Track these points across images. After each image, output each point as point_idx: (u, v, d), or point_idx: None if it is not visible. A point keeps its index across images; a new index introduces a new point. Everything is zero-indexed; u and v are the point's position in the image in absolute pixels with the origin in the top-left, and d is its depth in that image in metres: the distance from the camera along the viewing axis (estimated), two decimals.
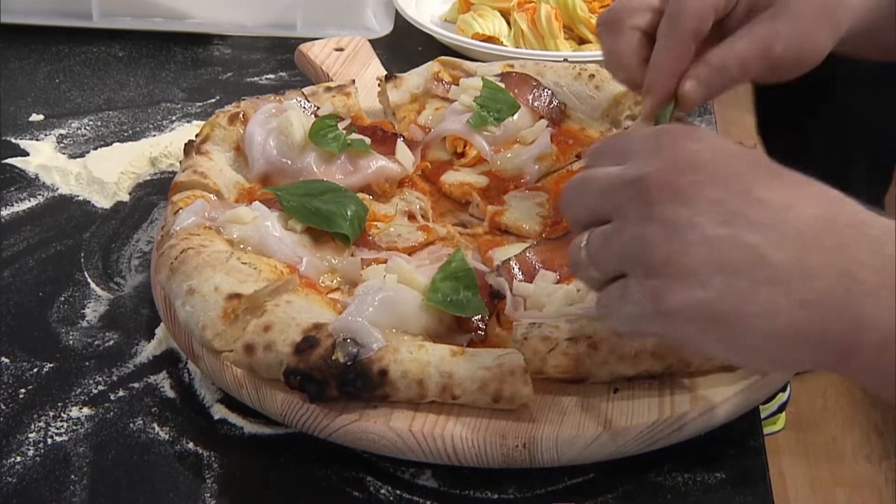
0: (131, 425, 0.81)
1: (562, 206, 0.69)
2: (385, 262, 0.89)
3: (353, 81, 1.13)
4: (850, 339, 0.55)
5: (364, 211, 0.94)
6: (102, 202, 1.09)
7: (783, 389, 2.10)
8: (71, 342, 0.90)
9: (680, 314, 0.59)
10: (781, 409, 2.25)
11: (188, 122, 1.24)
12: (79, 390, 0.84)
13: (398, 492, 0.76)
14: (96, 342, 0.90)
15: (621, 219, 0.62)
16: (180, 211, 0.91)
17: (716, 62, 0.79)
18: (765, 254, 0.57)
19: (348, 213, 0.92)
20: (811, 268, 0.56)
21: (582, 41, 1.41)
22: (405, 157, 1.03)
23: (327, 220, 0.92)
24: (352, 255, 0.92)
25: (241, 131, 1.02)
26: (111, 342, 0.90)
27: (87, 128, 1.22)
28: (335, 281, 0.90)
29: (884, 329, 0.54)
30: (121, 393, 0.84)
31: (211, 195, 0.95)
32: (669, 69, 0.80)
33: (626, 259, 0.62)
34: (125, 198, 1.10)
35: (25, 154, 1.17)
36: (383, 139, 1.03)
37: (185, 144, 1.02)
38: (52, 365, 0.87)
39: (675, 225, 0.59)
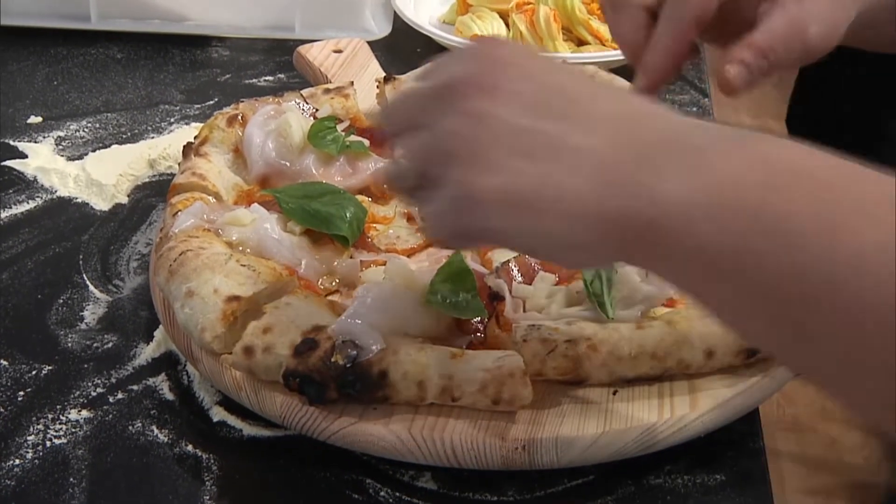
0: (130, 428, 0.81)
1: (382, 122, 0.69)
2: (384, 263, 0.89)
3: (352, 83, 1.13)
4: (644, 214, 0.55)
5: (363, 213, 0.94)
6: (101, 204, 1.09)
7: None
8: (69, 344, 0.90)
9: (485, 202, 0.59)
10: None
11: (187, 124, 1.24)
12: (77, 393, 0.84)
13: (398, 494, 0.76)
14: (95, 344, 0.90)
15: (431, 119, 0.62)
16: (179, 213, 0.91)
17: (761, 44, 0.77)
18: (567, 140, 0.58)
19: (347, 215, 0.92)
20: (610, 153, 0.57)
21: (581, 43, 1.41)
22: None
23: (326, 222, 0.91)
24: (351, 258, 0.92)
25: (240, 133, 1.02)
26: (110, 344, 0.90)
27: (86, 130, 1.22)
28: (334, 283, 0.90)
29: (673, 207, 0.55)
30: (119, 395, 0.84)
31: (210, 197, 0.95)
32: (668, 49, 0.79)
33: (434, 154, 0.62)
34: (124, 200, 1.10)
35: (24, 156, 1.16)
36: (382, 141, 1.03)
37: (184, 146, 1.02)
38: (50, 367, 0.87)
39: (480, 116, 0.60)
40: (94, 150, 1.17)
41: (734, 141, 0.57)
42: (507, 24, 1.42)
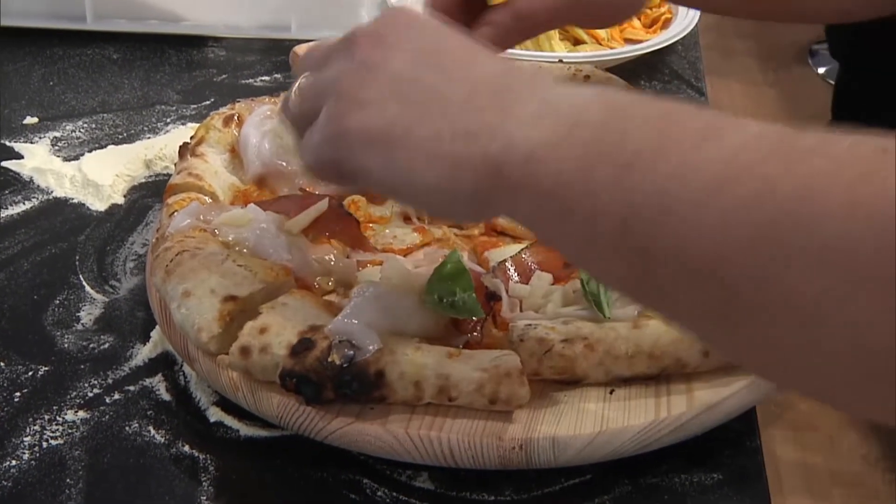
0: (127, 428, 0.81)
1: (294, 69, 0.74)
2: (381, 263, 0.89)
3: None
4: (501, 159, 0.59)
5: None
6: (97, 205, 1.09)
7: None
8: (66, 345, 0.89)
9: (353, 134, 0.64)
10: None
11: (183, 124, 1.24)
12: (74, 393, 0.84)
13: (395, 494, 0.76)
14: (91, 345, 0.90)
15: (328, 65, 0.68)
16: (175, 213, 0.91)
17: (522, 9, 0.85)
18: (439, 90, 0.62)
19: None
20: (478, 105, 0.61)
21: (577, 42, 1.41)
22: None
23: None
24: (347, 257, 0.92)
25: (236, 133, 1.02)
26: (106, 345, 0.90)
27: (82, 130, 1.22)
28: (331, 283, 0.90)
29: (527, 148, 0.58)
30: (116, 396, 0.84)
31: (206, 197, 0.95)
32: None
33: (322, 92, 0.67)
34: (120, 200, 1.10)
35: (20, 157, 1.16)
36: None
37: (180, 147, 1.02)
38: (46, 368, 0.87)
39: (370, 64, 0.65)
40: (90, 151, 1.17)
41: (581, 90, 0.60)
42: None
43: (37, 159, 1.16)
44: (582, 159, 0.55)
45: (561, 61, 1.18)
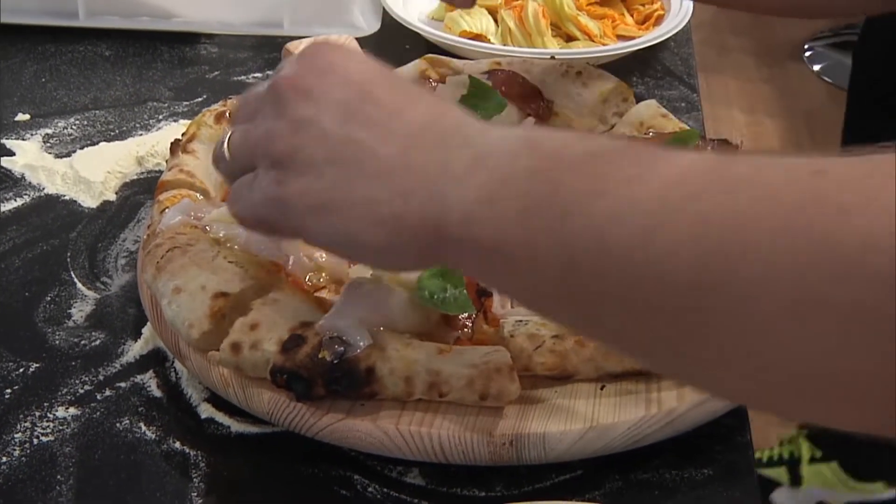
0: (118, 425, 0.81)
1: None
2: None
3: None
4: (440, 220, 0.59)
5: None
6: (89, 202, 1.09)
7: None
8: (57, 342, 0.89)
9: (294, 200, 0.64)
10: None
11: (175, 121, 1.24)
12: (65, 390, 0.84)
13: (385, 490, 0.76)
14: (83, 342, 0.90)
15: (259, 118, 0.68)
16: (166, 210, 0.91)
17: None
18: (373, 149, 0.62)
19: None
20: (413, 162, 0.61)
21: (569, 38, 1.40)
22: None
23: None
24: None
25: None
26: (97, 342, 0.90)
27: (74, 127, 1.22)
28: (322, 279, 0.90)
29: (463, 208, 0.58)
30: (107, 392, 0.84)
31: (197, 194, 0.95)
32: None
33: (256, 151, 0.67)
34: (112, 197, 1.10)
35: (11, 154, 1.16)
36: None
37: (172, 143, 1.02)
38: (37, 365, 0.87)
39: (300, 122, 0.64)
40: (82, 148, 1.17)
41: (510, 135, 0.60)
42: (495, 20, 1.42)
43: (28, 156, 1.15)
44: (518, 213, 0.56)
45: (553, 58, 1.18)
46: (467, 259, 0.60)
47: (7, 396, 0.83)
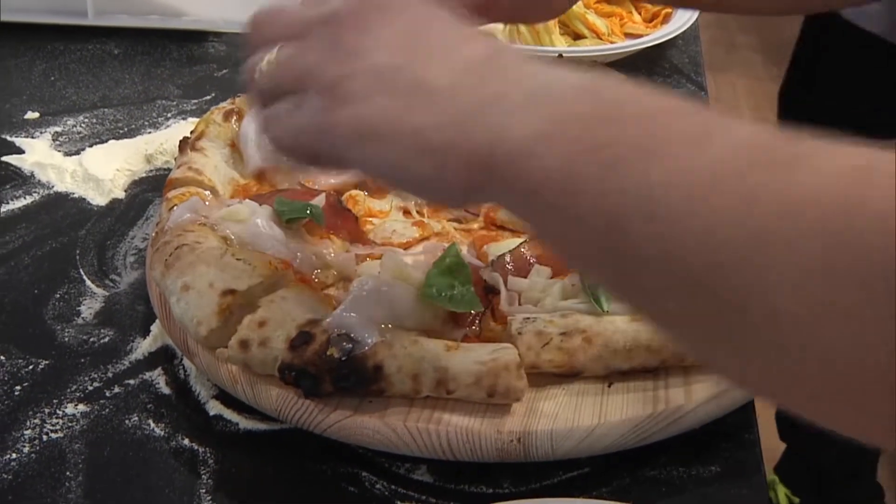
0: (126, 422, 0.81)
1: (248, 31, 0.72)
2: (380, 257, 0.89)
3: None
4: (492, 151, 0.58)
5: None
6: (98, 199, 1.09)
7: None
8: (66, 339, 0.90)
9: (340, 126, 0.63)
10: None
11: (183, 119, 1.24)
12: (74, 387, 0.84)
13: (393, 487, 0.76)
14: (91, 339, 0.90)
15: (310, 42, 0.66)
16: (175, 207, 0.91)
17: None
18: (426, 79, 0.61)
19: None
20: (468, 93, 0.60)
21: (577, 36, 1.41)
22: None
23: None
24: (346, 251, 0.92)
25: (236, 128, 1.02)
26: (106, 339, 0.90)
27: (83, 125, 1.22)
28: (329, 277, 0.90)
29: (516, 141, 0.57)
30: (116, 389, 0.84)
31: (206, 192, 0.95)
32: None
33: (306, 76, 0.65)
34: (120, 195, 1.10)
35: (21, 152, 1.17)
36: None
37: (180, 141, 1.02)
38: (47, 362, 0.87)
39: (354, 51, 0.63)
40: (91, 146, 1.18)
41: (571, 78, 0.59)
42: None
43: (38, 154, 1.16)
44: (568, 156, 0.54)
45: (561, 56, 1.18)
46: (511, 196, 0.59)
47: (17, 393, 0.84)
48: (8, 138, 1.19)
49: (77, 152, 1.16)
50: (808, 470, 2.04)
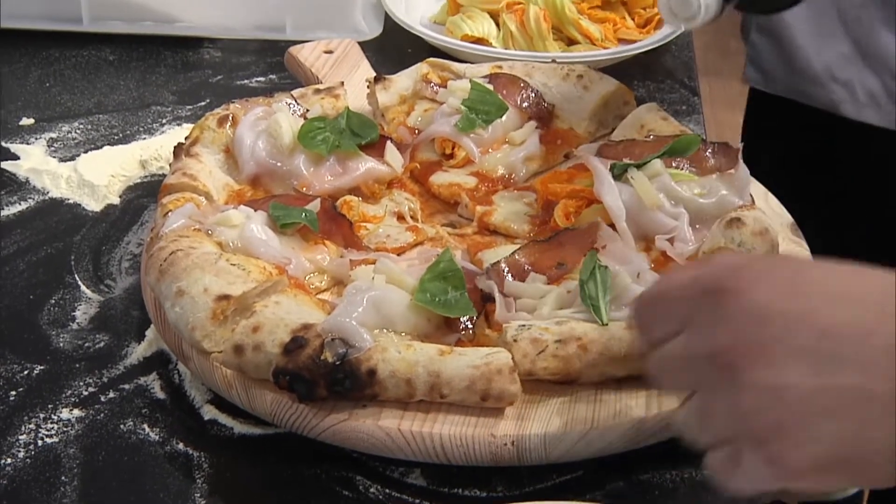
0: (121, 426, 0.81)
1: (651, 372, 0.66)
2: (374, 262, 0.89)
3: (343, 83, 1.13)
4: None
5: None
6: (93, 205, 1.09)
7: None
8: (61, 344, 0.90)
9: (803, 472, 0.58)
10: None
11: (178, 125, 1.24)
12: (69, 392, 0.85)
13: (387, 490, 0.76)
14: (87, 344, 0.90)
15: (711, 392, 0.61)
16: (170, 213, 0.91)
17: None
18: (865, 389, 0.57)
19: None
20: None
21: (570, 42, 1.41)
22: (394, 159, 1.03)
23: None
24: (341, 257, 0.92)
25: (231, 134, 1.03)
26: (101, 344, 0.90)
27: (78, 131, 1.23)
28: (324, 282, 0.91)
29: None
30: (111, 394, 0.85)
31: (200, 197, 0.96)
32: None
33: (731, 432, 0.60)
34: (115, 201, 1.10)
35: (16, 158, 1.17)
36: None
37: (175, 147, 1.02)
38: (42, 367, 0.87)
39: (768, 389, 0.58)
40: (86, 152, 1.18)
41: None
42: (497, 24, 1.43)
43: (33, 160, 1.16)
44: None
45: (554, 61, 1.19)
46: None
47: (12, 398, 0.84)
48: (3, 144, 1.19)
49: (72, 158, 1.16)
50: None
